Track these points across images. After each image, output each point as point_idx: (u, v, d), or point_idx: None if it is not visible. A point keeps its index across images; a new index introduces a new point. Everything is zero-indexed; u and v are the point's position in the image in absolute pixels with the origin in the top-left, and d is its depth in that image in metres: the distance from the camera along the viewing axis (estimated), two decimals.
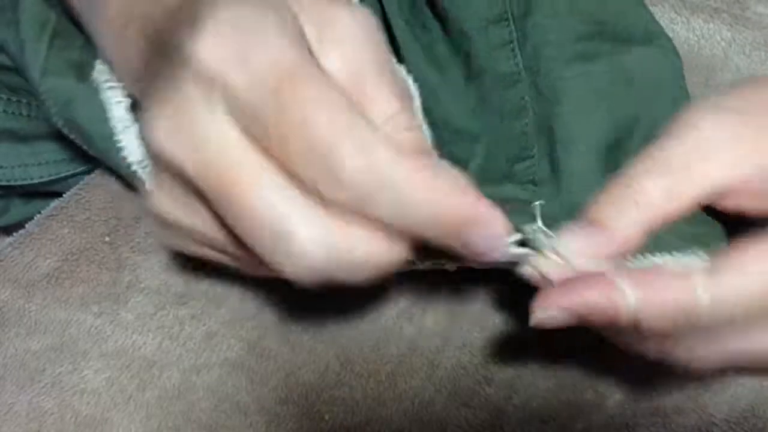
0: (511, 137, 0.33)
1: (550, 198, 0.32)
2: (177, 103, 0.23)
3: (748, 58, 0.40)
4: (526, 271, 0.29)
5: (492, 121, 0.33)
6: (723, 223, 0.30)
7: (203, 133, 0.22)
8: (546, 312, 0.27)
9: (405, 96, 0.25)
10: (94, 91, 0.33)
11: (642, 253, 0.29)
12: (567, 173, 0.31)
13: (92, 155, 0.40)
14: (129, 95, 0.32)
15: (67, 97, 0.34)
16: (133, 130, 0.33)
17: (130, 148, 0.32)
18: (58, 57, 0.34)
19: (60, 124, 0.34)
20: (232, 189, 0.22)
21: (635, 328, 0.27)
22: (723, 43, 0.40)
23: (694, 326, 0.27)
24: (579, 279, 0.27)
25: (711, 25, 0.40)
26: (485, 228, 0.24)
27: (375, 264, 0.24)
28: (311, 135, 0.22)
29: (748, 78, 0.39)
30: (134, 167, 0.33)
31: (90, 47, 0.35)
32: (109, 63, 0.32)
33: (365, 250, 0.23)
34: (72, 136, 0.35)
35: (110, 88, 0.33)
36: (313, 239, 0.22)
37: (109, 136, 0.33)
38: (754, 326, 0.27)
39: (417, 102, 0.28)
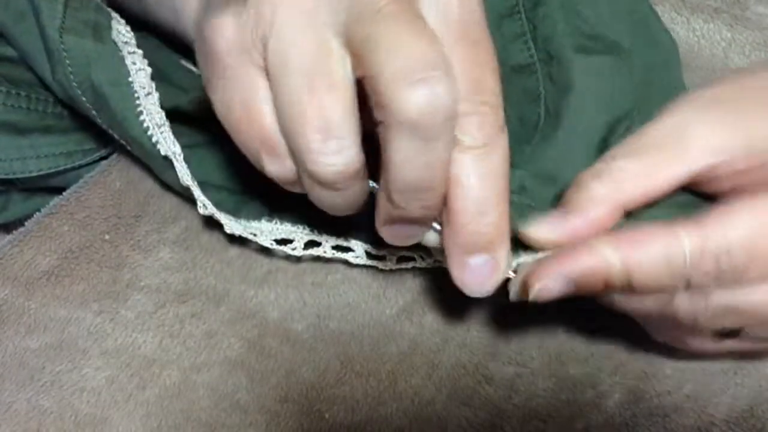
0: (527, 125, 0.33)
1: (548, 185, 0.32)
2: None
3: (748, 59, 0.40)
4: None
5: (509, 114, 0.34)
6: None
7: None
8: (542, 282, 0.27)
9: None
10: (111, 54, 0.34)
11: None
12: (567, 160, 0.32)
13: (92, 144, 0.41)
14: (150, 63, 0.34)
15: (85, 57, 0.34)
16: (154, 96, 0.33)
17: (151, 113, 0.33)
18: (74, 17, 0.34)
19: (75, 83, 0.34)
20: (406, 21, 0.24)
21: (630, 289, 0.27)
22: (723, 43, 0.40)
23: (685, 279, 0.27)
24: (567, 250, 0.28)
25: (711, 25, 0.40)
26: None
27: None
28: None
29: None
30: (151, 132, 0.33)
31: (104, 9, 0.35)
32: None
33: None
34: (84, 98, 0.35)
35: (132, 53, 0.33)
36: (447, 98, 0.24)
37: (126, 99, 0.33)
38: (746, 278, 0.28)
39: None
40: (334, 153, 0.25)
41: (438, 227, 0.28)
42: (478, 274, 0.27)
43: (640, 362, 0.34)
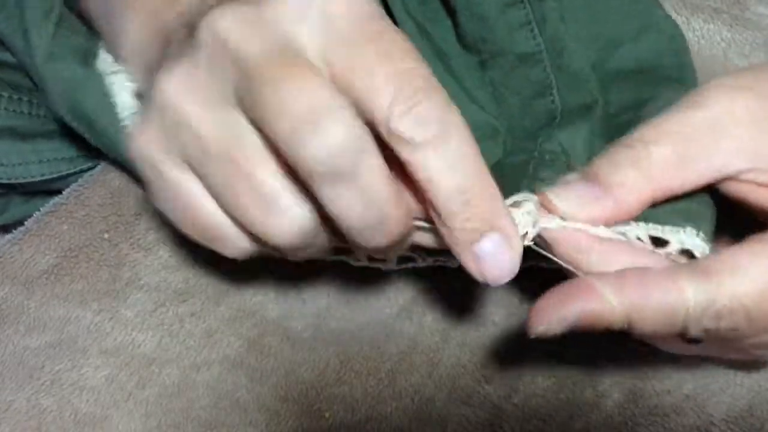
0: (534, 115, 0.33)
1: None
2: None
3: (748, 59, 0.40)
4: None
5: (512, 103, 0.34)
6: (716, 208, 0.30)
7: (281, 28, 0.24)
8: (545, 325, 0.27)
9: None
10: (100, 79, 0.34)
11: (636, 221, 0.28)
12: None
13: (93, 151, 0.41)
14: (133, 81, 0.33)
15: (72, 82, 0.34)
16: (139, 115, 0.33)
17: None
18: (63, 43, 0.34)
19: (63, 111, 0.34)
20: (286, 75, 0.23)
21: (629, 329, 0.27)
22: (723, 44, 0.40)
23: (683, 330, 0.27)
24: (569, 288, 0.27)
25: (711, 26, 0.40)
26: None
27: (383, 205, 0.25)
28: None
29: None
30: None
31: (94, 36, 0.35)
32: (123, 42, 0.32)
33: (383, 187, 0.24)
34: (74, 124, 0.35)
35: (115, 73, 0.33)
36: (344, 136, 0.23)
37: (114, 123, 0.33)
38: (741, 335, 0.27)
39: None
40: (283, 224, 0.25)
41: (426, 225, 0.27)
42: (493, 258, 0.25)
43: (640, 362, 0.34)
